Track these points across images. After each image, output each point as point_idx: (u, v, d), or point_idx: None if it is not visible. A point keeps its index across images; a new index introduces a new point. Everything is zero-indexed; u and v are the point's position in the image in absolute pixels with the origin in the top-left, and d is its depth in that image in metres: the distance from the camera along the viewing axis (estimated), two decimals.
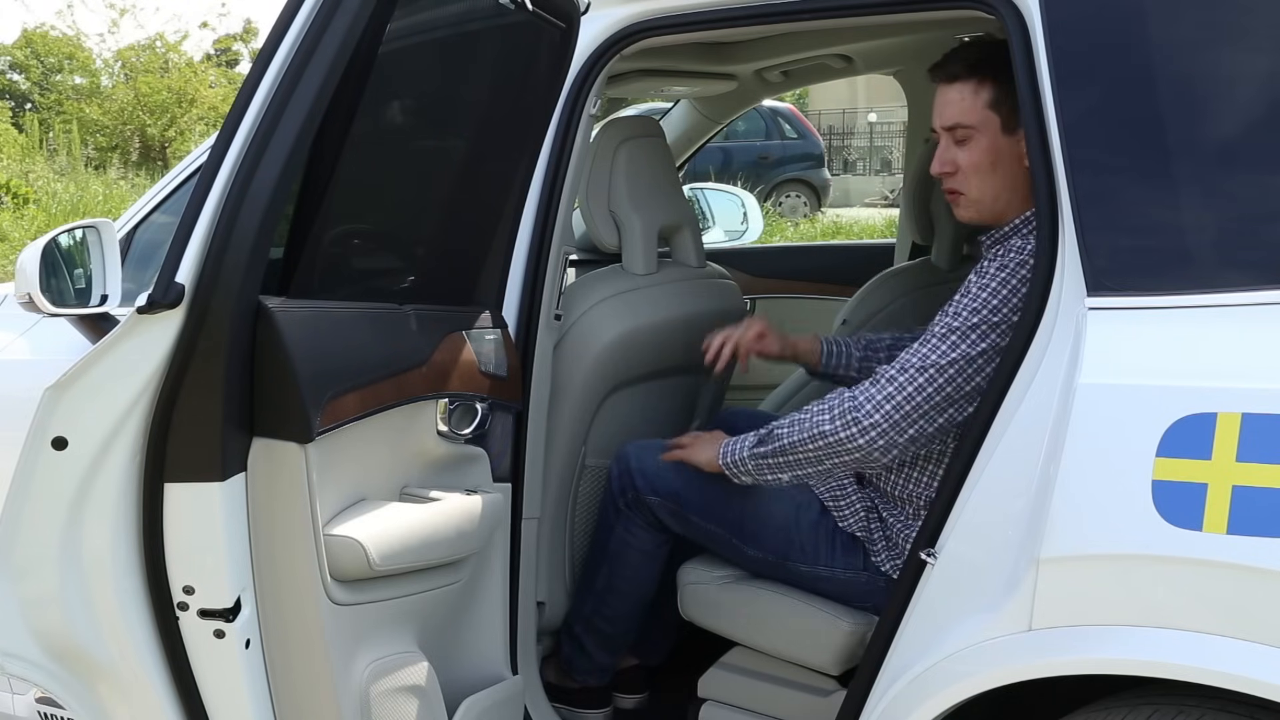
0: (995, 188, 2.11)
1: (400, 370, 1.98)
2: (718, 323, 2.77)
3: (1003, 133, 2.08)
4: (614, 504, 2.42)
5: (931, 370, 1.98)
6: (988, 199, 2.12)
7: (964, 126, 2.10)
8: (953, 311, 2.02)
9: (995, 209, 2.12)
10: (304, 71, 1.71)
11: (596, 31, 2.25)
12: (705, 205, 4.51)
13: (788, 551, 2.26)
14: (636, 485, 2.37)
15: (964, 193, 2.14)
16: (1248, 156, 1.65)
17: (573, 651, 2.52)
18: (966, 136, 2.10)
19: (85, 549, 1.80)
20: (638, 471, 2.37)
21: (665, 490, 2.35)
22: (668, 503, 2.35)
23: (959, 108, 2.10)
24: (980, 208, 2.13)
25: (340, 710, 1.88)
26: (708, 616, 2.36)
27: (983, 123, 2.09)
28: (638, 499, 2.38)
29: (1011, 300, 1.98)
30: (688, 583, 2.38)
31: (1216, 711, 1.54)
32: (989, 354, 1.97)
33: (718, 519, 2.31)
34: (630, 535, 2.41)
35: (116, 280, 2.07)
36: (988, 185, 2.11)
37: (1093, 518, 1.57)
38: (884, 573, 2.20)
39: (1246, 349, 1.54)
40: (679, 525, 2.38)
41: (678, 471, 2.33)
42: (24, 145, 17.11)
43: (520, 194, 2.25)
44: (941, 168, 2.14)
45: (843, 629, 2.18)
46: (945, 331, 2.00)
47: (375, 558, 1.86)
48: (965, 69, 2.10)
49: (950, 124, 2.12)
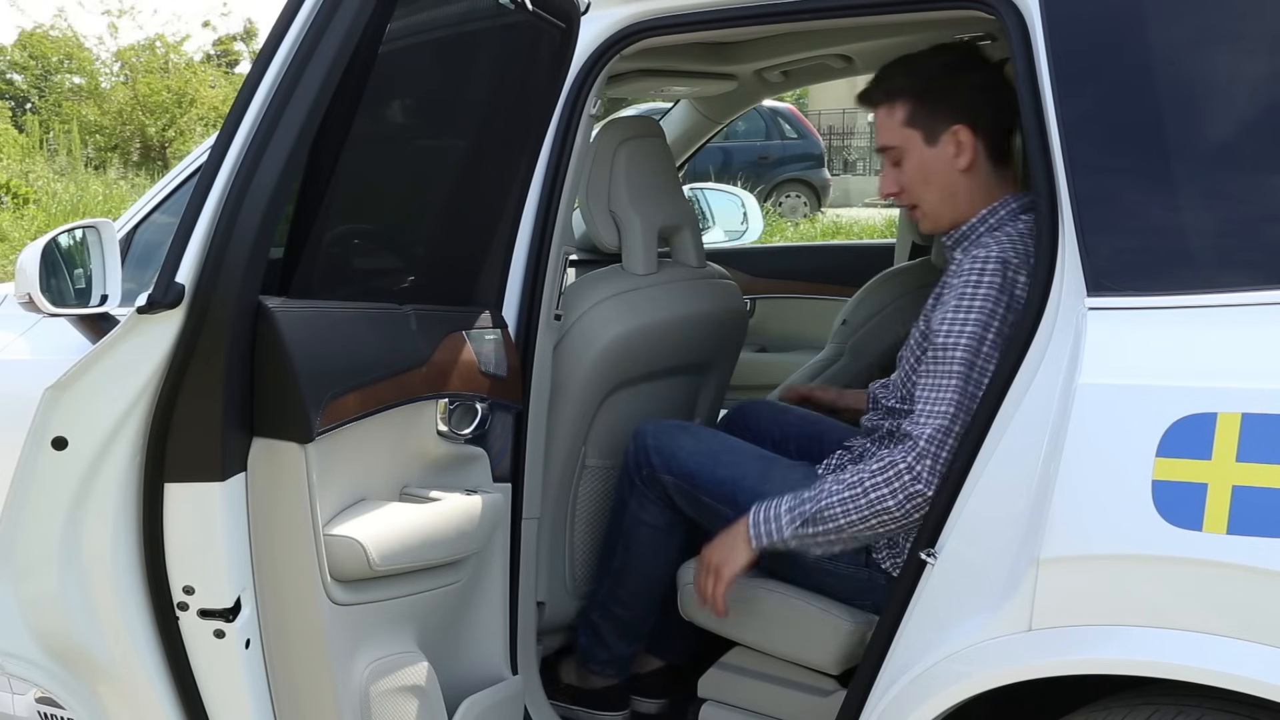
0: (937, 197, 2.19)
1: (400, 370, 1.98)
2: (718, 323, 2.78)
3: (926, 145, 2.17)
4: (629, 480, 2.44)
5: (955, 408, 1.96)
6: (936, 209, 2.21)
7: (891, 147, 2.20)
8: (947, 344, 1.99)
9: (950, 215, 2.19)
10: (304, 71, 1.71)
11: (596, 31, 2.25)
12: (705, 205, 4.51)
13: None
14: (652, 463, 2.39)
15: (917, 206, 2.23)
16: (1248, 156, 1.65)
17: (590, 643, 2.53)
18: (898, 157, 2.20)
19: (85, 549, 1.80)
20: (654, 449, 2.39)
21: (680, 470, 2.36)
22: (681, 483, 2.36)
23: (883, 131, 2.22)
24: (936, 218, 2.22)
25: (340, 710, 1.88)
26: (707, 617, 2.36)
27: (905, 141, 2.18)
28: (652, 476, 2.40)
29: (999, 311, 1.98)
30: (687, 582, 2.38)
31: (1216, 711, 1.54)
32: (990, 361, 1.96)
33: (729, 500, 2.31)
34: (644, 512, 2.43)
35: (116, 280, 2.07)
36: (930, 197, 2.20)
37: (1093, 518, 1.57)
38: (884, 570, 2.20)
39: (1246, 349, 1.54)
40: (690, 507, 2.39)
41: (692, 453, 2.34)
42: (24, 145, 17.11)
43: (520, 194, 2.25)
44: (886, 190, 2.25)
45: (843, 629, 2.18)
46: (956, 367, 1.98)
47: (375, 558, 1.86)
48: (881, 94, 2.21)
49: (880, 147, 2.24)
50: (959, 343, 1.98)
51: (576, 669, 2.58)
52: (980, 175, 2.17)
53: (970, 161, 2.15)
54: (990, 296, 1.99)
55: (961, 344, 1.98)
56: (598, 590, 2.53)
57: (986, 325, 1.98)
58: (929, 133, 2.16)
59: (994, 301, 1.99)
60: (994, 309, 1.99)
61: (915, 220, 2.27)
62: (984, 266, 2.02)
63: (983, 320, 1.98)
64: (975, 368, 1.97)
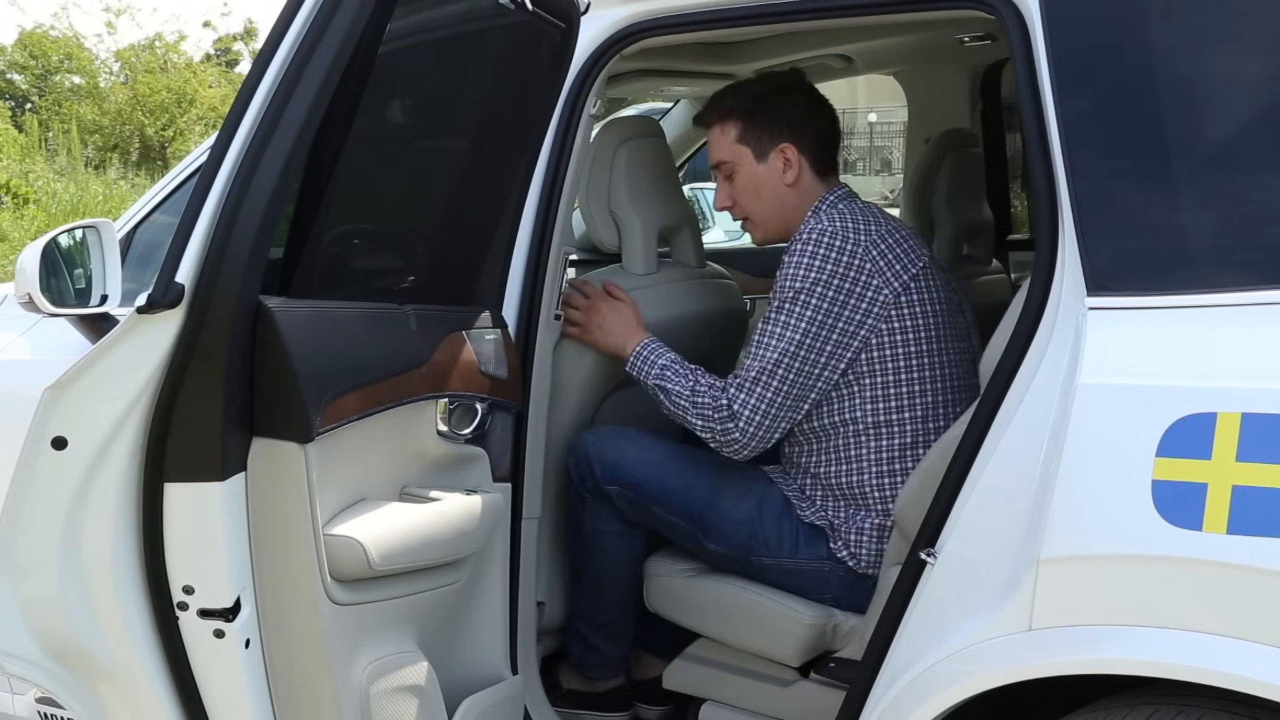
0: (767, 209, 2.40)
1: (400, 370, 1.97)
2: (718, 323, 2.78)
3: (756, 161, 2.38)
4: (578, 495, 2.42)
5: (787, 360, 2.17)
6: (767, 220, 2.41)
7: (724, 163, 2.42)
8: (775, 302, 2.22)
9: (781, 226, 2.40)
10: (304, 71, 1.71)
11: (596, 31, 2.25)
12: (705, 205, 4.51)
13: (751, 545, 2.29)
14: (596, 474, 2.37)
15: (749, 218, 2.44)
16: (1247, 157, 1.65)
17: (582, 651, 2.53)
18: (730, 171, 2.41)
19: (85, 549, 1.80)
20: (596, 460, 2.37)
21: (625, 479, 2.35)
22: (627, 492, 2.36)
23: (716, 148, 2.43)
24: (767, 228, 2.43)
25: (340, 710, 1.88)
26: (672, 609, 2.39)
27: (736, 157, 2.40)
28: (597, 488, 2.38)
29: (825, 266, 2.18)
30: (652, 575, 2.41)
31: (1216, 711, 1.54)
32: (824, 323, 2.17)
33: (679, 512, 2.33)
34: (600, 522, 2.42)
35: (116, 280, 2.07)
36: (760, 208, 2.41)
37: (1093, 518, 1.57)
38: (842, 561, 2.24)
39: (1246, 349, 1.54)
40: (638, 516, 2.38)
41: (637, 462, 2.35)
42: (24, 145, 17.10)
43: (520, 194, 2.25)
44: (721, 203, 2.46)
45: (803, 621, 2.22)
46: (776, 318, 2.19)
47: (375, 558, 1.86)
48: (715, 114, 2.42)
49: (714, 163, 2.45)
50: (780, 308, 2.20)
51: (577, 673, 2.58)
52: (805, 188, 2.36)
53: (796, 176, 2.35)
54: (805, 265, 2.19)
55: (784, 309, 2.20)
56: (578, 603, 2.52)
57: (810, 291, 2.18)
58: (758, 150, 2.37)
59: (815, 270, 2.18)
60: (816, 276, 2.18)
61: (748, 231, 2.47)
62: (807, 240, 2.21)
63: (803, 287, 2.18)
64: (799, 330, 2.18)
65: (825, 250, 2.19)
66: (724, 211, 2.44)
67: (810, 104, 2.43)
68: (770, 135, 2.36)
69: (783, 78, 2.52)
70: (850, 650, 2.21)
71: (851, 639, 2.22)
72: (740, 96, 2.42)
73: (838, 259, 2.19)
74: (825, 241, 2.20)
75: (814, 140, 2.38)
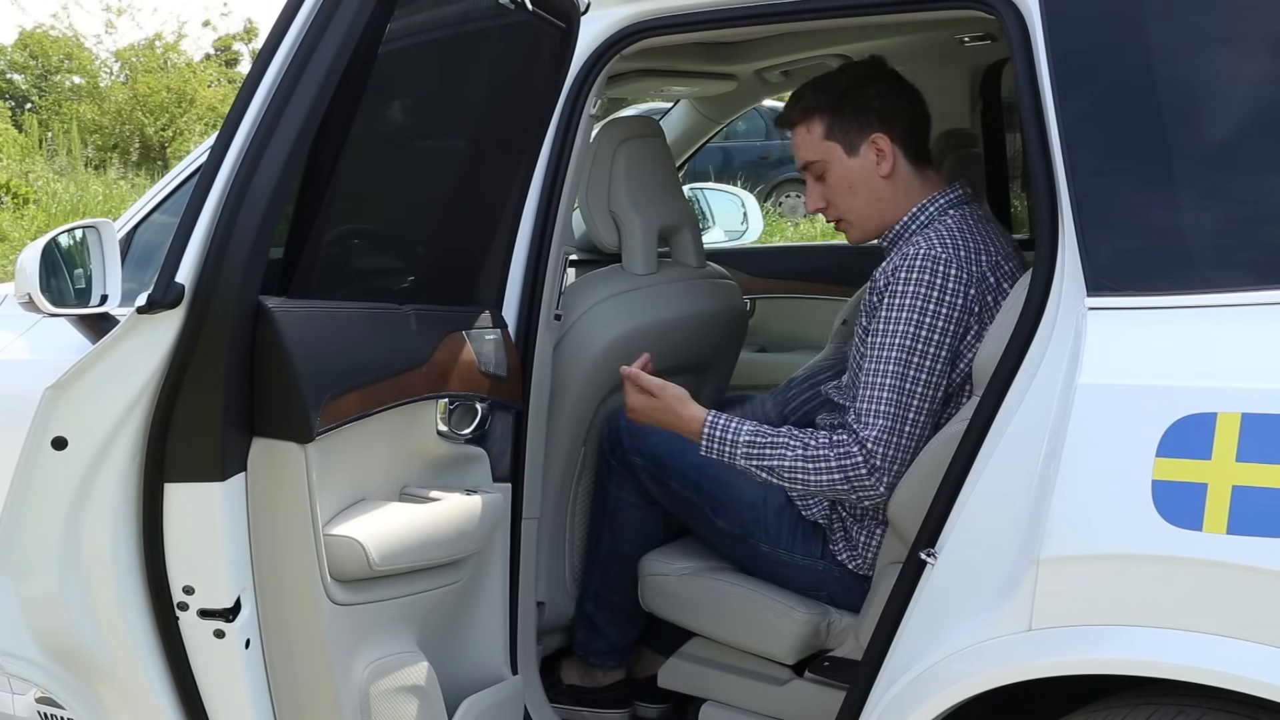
0: (863, 205, 2.27)
1: (400, 370, 1.98)
2: (718, 322, 2.78)
3: (847, 156, 2.26)
4: (606, 463, 2.47)
5: (894, 408, 2.04)
6: (864, 217, 2.29)
7: (813, 162, 2.29)
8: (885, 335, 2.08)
9: (877, 222, 2.28)
10: (304, 71, 1.71)
11: (596, 31, 2.25)
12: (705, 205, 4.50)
13: (753, 529, 2.31)
14: (624, 444, 2.42)
15: (843, 219, 2.31)
16: (1247, 157, 1.65)
17: (587, 634, 2.54)
18: (821, 171, 2.29)
19: (85, 549, 1.80)
20: (626, 431, 2.42)
21: (649, 452, 2.39)
22: (649, 465, 2.40)
23: (803, 148, 2.30)
24: (864, 228, 2.30)
25: (340, 710, 1.88)
26: (667, 608, 2.40)
27: (826, 154, 2.27)
28: (624, 458, 2.43)
29: (929, 308, 2.06)
30: (647, 574, 2.41)
31: (1216, 711, 1.54)
32: (937, 355, 2.06)
33: (693, 486, 2.36)
34: (625, 493, 2.46)
35: (116, 280, 2.07)
36: (856, 205, 2.28)
37: (1093, 518, 1.57)
38: (839, 562, 2.24)
39: (1246, 349, 1.54)
40: (657, 489, 2.42)
41: (662, 437, 2.35)
42: (24, 145, 17.09)
43: (520, 194, 2.25)
44: (814, 205, 2.32)
45: (797, 618, 2.23)
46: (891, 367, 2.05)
47: (375, 558, 1.86)
48: (797, 113, 2.30)
49: (803, 164, 2.32)
50: (891, 342, 2.06)
51: (578, 667, 2.59)
52: (902, 179, 2.26)
53: (892, 167, 2.24)
54: (919, 294, 2.06)
55: (895, 344, 2.05)
56: (589, 581, 2.55)
57: (919, 323, 2.05)
58: (848, 144, 2.25)
59: (923, 299, 2.05)
60: (924, 305, 2.05)
61: (844, 233, 2.34)
62: (911, 264, 2.09)
63: (913, 319, 2.05)
64: (912, 365, 2.04)
65: (940, 280, 2.07)
66: (817, 214, 2.33)
67: (897, 90, 2.30)
68: (860, 127, 2.24)
69: (863, 66, 2.39)
70: (845, 649, 2.22)
71: (846, 637, 2.23)
72: (822, 91, 2.29)
73: (953, 291, 2.07)
74: (941, 270, 2.07)
75: (906, 128, 2.26)
